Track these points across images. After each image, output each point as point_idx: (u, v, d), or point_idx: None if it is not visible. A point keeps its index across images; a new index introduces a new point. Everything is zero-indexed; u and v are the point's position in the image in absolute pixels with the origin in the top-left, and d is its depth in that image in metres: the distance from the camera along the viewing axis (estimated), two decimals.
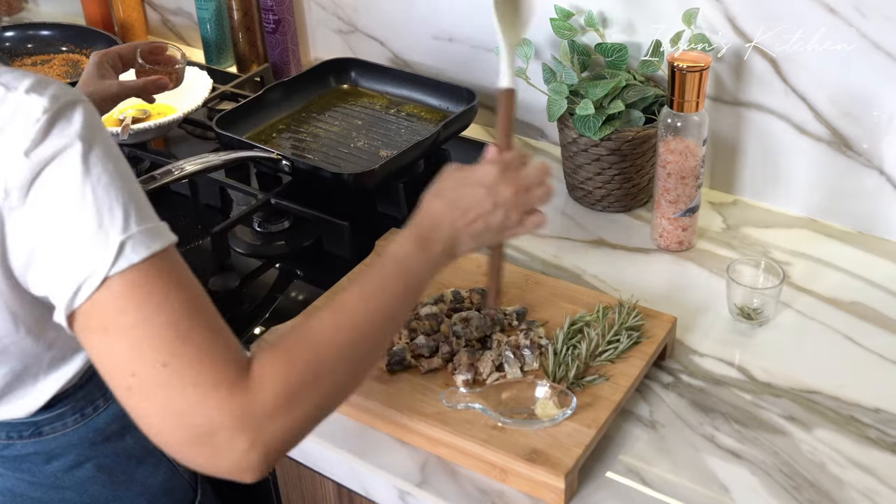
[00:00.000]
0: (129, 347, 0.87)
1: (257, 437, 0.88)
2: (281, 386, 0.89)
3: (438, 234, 1.07)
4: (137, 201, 0.90)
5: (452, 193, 1.10)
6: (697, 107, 1.41)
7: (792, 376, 1.29)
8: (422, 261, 1.05)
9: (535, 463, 1.11)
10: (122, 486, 1.21)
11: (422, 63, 1.96)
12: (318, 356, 0.93)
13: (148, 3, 2.38)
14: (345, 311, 0.97)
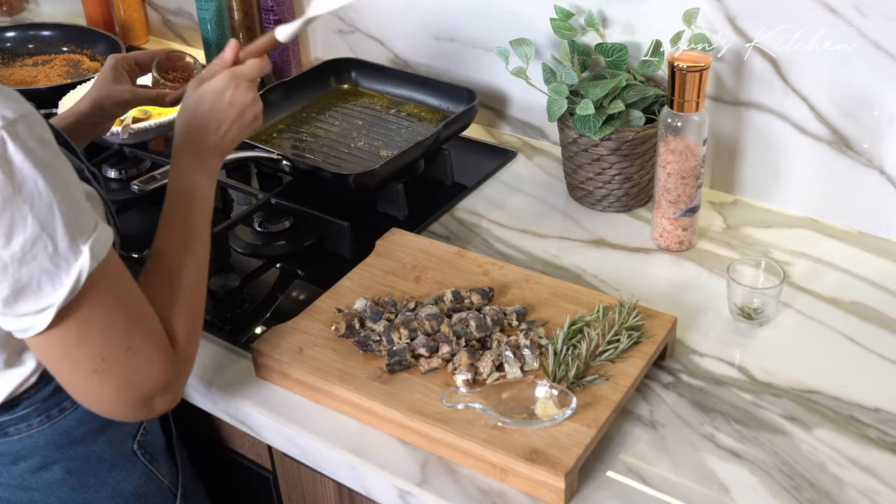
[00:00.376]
0: (100, 338, 1.01)
1: (180, 385, 1.10)
2: (188, 336, 1.11)
3: (205, 152, 1.23)
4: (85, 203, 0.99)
5: (205, 116, 1.24)
6: (697, 107, 1.41)
7: (792, 376, 1.29)
8: (205, 180, 1.22)
9: (535, 463, 1.11)
10: (91, 490, 1.21)
11: (422, 63, 1.96)
12: (192, 298, 1.14)
13: (149, 4, 2.38)
14: (185, 254, 1.15)
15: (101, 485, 1.22)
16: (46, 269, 0.95)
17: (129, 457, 1.25)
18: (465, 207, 1.68)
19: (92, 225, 0.99)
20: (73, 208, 0.96)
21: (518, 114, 1.88)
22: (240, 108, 1.26)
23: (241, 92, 1.26)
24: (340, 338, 1.31)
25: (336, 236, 1.56)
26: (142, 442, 1.26)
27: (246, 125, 1.27)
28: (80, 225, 0.97)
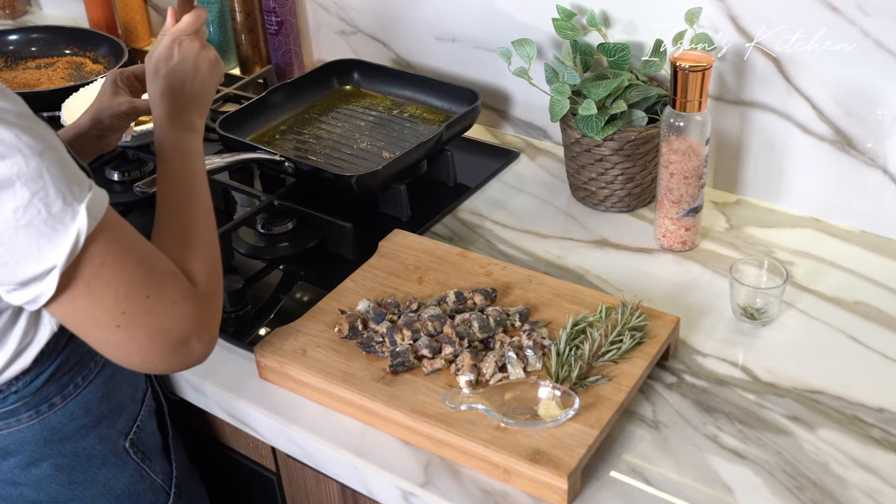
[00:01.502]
0: (115, 292, 1.01)
1: (213, 326, 1.11)
2: (209, 278, 1.12)
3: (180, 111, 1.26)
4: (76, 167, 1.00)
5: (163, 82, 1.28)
6: (700, 106, 1.41)
7: (795, 376, 1.29)
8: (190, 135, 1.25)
9: (538, 463, 1.11)
10: (80, 487, 1.22)
11: (424, 64, 1.96)
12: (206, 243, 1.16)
13: (151, 6, 2.38)
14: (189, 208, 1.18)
15: (91, 482, 1.22)
16: (43, 233, 0.95)
17: (120, 454, 1.25)
18: (468, 208, 1.68)
19: (86, 186, 0.99)
20: (63, 171, 0.97)
21: (520, 114, 1.88)
22: (192, 62, 1.29)
23: (186, 46, 1.29)
24: (343, 339, 1.31)
25: (339, 238, 1.56)
26: (134, 440, 1.27)
27: (206, 74, 1.30)
28: (73, 187, 0.97)
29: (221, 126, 1.70)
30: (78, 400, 1.18)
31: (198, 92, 1.28)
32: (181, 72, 1.28)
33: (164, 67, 1.28)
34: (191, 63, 1.28)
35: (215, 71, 1.31)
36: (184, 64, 1.28)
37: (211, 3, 2.12)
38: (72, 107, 1.81)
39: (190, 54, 1.29)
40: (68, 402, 1.17)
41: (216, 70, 1.32)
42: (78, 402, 1.18)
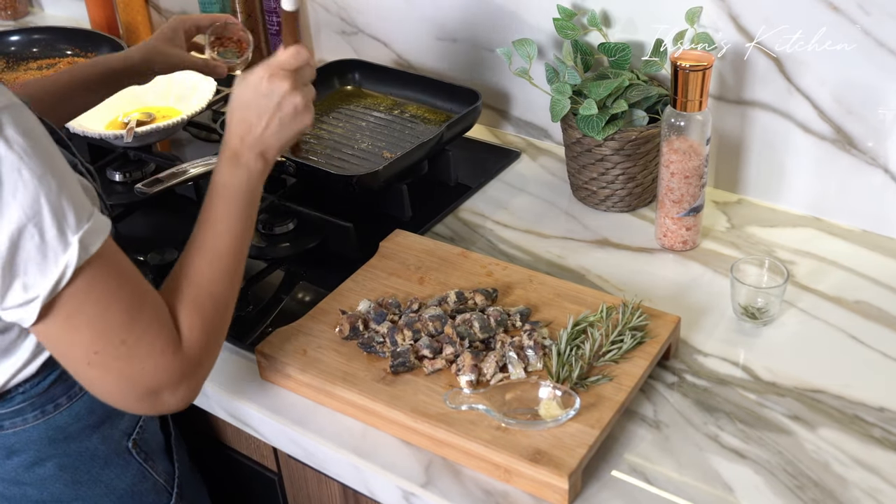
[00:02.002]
0: (92, 331, 1.01)
1: (193, 382, 1.09)
2: (203, 337, 1.09)
3: (245, 148, 1.19)
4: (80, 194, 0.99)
5: (242, 111, 1.21)
6: (701, 106, 1.41)
7: (796, 376, 1.29)
8: (242, 177, 1.18)
9: (539, 463, 1.11)
10: (84, 486, 1.22)
11: (425, 64, 1.96)
12: (216, 300, 1.12)
13: (152, 6, 2.39)
14: (212, 251, 1.13)
15: (95, 482, 1.22)
16: (34, 259, 0.95)
17: (123, 455, 1.25)
18: (469, 208, 1.68)
19: (85, 215, 0.98)
20: (63, 198, 0.96)
21: (521, 114, 1.88)
22: (277, 99, 1.20)
23: (277, 81, 1.20)
24: (344, 339, 1.31)
25: (340, 238, 1.57)
26: (137, 440, 1.27)
27: (287, 118, 1.21)
28: (71, 215, 0.96)
29: (223, 126, 1.70)
30: (83, 400, 1.18)
31: (272, 133, 1.20)
32: (262, 106, 1.20)
33: (247, 95, 1.21)
34: (275, 100, 1.20)
35: (299, 118, 1.22)
36: (268, 99, 1.20)
37: (213, 4, 2.12)
38: None
39: (277, 91, 1.20)
40: (74, 403, 1.17)
41: (300, 117, 1.22)
42: (83, 402, 1.18)
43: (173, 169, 1.50)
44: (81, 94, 1.49)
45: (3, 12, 2.62)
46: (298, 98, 1.21)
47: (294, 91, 1.21)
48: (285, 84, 1.20)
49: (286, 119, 1.21)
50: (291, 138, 1.23)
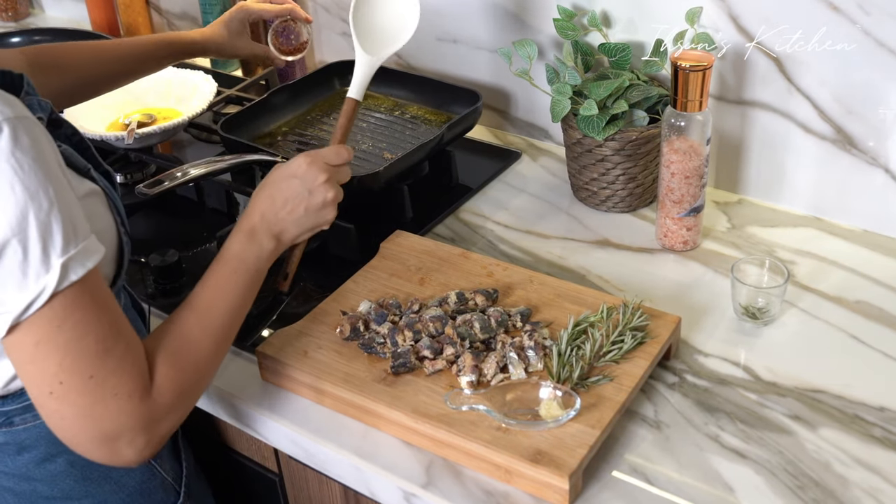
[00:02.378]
0: (61, 360, 0.97)
1: (153, 437, 1.04)
2: (175, 391, 1.06)
3: (263, 225, 1.21)
4: (72, 219, 0.97)
5: (272, 188, 1.24)
6: (701, 106, 1.41)
7: (797, 375, 1.29)
8: (254, 254, 1.19)
9: (540, 464, 1.11)
10: (94, 483, 1.22)
11: (426, 65, 1.97)
12: (197, 361, 1.10)
13: (153, 8, 2.39)
14: (207, 313, 1.13)
15: (104, 479, 1.22)
16: (13, 275, 0.94)
17: None
18: (470, 209, 1.69)
19: (75, 240, 0.97)
20: (53, 219, 0.95)
21: (522, 115, 1.88)
22: (309, 188, 1.23)
23: (315, 170, 1.24)
24: (345, 340, 1.31)
25: (341, 239, 1.57)
26: None
27: (313, 208, 1.24)
28: (58, 237, 0.95)
29: (223, 128, 1.70)
30: None
31: (294, 218, 1.23)
32: (293, 188, 1.23)
33: (281, 174, 1.24)
34: (307, 187, 1.23)
35: (323, 212, 1.26)
36: (302, 183, 1.23)
37: (214, 5, 2.12)
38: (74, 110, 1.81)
39: (312, 180, 1.24)
40: None
41: (324, 212, 1.26)
42: None
43: (174, 170, 1.50)
44: (152, 66, 1.61)
45: (4, 14, 2.63)
46: (330, 193, 1.25)
47: (328, 185, 1.25)
48: (322, 175, 1.24)
49: (312, 209, 1.24)
50: (310, 229, 1.26)
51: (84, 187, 1.10)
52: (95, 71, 1.53)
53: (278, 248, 1.23)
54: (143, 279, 1.55)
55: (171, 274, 1.53)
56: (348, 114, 1.38)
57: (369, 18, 1.43)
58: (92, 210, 1.10)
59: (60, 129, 1.16)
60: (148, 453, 1.05)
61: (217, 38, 1.62)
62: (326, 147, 1.29)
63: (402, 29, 1.45)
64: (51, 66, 1.46)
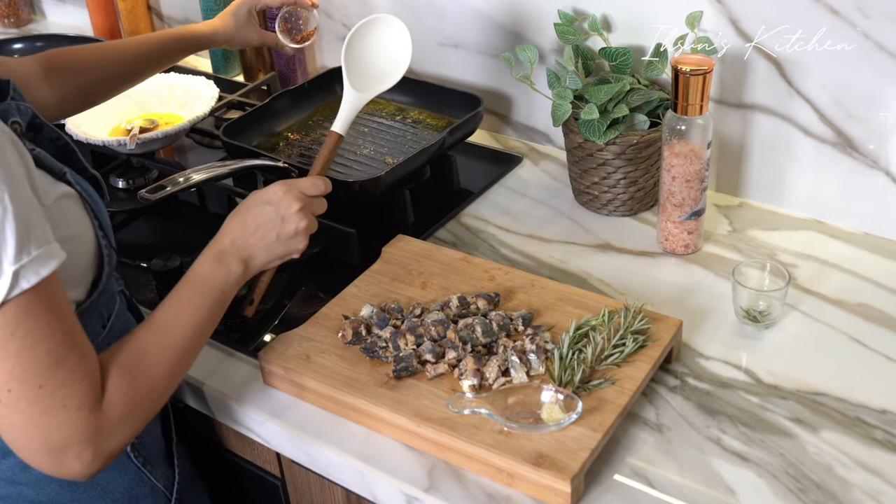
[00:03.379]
0: (11, 368, 0.96)
1: (101, 450, 1.03)
2: (126, 406, 1.05)
3: (233, 249, 1.22)
4: (28, 225, 0.97)
5: (245, 213, 1.24)
6: (701, 110, 1.42)
7: (798, 378, 1.29)
8: (221, 277, 1.19)
9: (542, 467, 1.11)
10: (79, 489, 1.21)
11: (427, 70, 1.97)
12: (152, 378, 1.09)
13: (155, 14, 2.40)
14: (167, 332, 1.12)
15: (91, 484, 1.22)
16: None
17: (120, 458, 1.24)
18: (471, 213, 1.69)
19: (30, 247, 0.96)
20: (7, 225, 0.94)
21: (523, 119, 1.89)
22: (283, 214, 1.24)
23: (288, 199, 1.25)
24: (347, 344, 1.31)
25: (342, 243, 1.57)
26: (136, 444, 1.26)
27: (284, 236, 1.25)
28: (11, 244, 0.95)
29: (225, 133, 1.71)
30: None
31: (263, 244, 1.23)
32: (265, 215, 1.24)
33: (255, 200, 1.25)
34: (280, 215, 1.24)
35: (294, 241, 1.26)
36: (275, 210, 1.24)
37: (215, 11, 2.13)
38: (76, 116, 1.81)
39: (286, 208, 1.24)
40: None
41: (295, 241, 1.26)
42: None
43: (176, 175, 1.50)
44: (165, 61, 1.61)
45: (5, 20, 2.64)
46: (303, 222, 1.26)
47: (301, 214, 1.26)
48: (297, 204, 1.25)
49: (283, 236, 1.25)
50: (280, 257, 1.27)
51: (57, 190, 1.09)
52: (109, 70, 1.54)
53: (246, 273, 1.23)
54: (145, 284, 1.56)
55: (173, 279, 1.52)
56: (330, 146, 1.39)
57: (361, 57, 1.45)
58: (65, 214, 1.10)
59: (42, 134, 1.17)
60: (96, 467, 1.03)
61: (226, 28, 1.64)
62: (304, 177, 1.29)
63: (392, 70, 1.47)
64: (65, 68, 1.47)
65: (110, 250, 1.18)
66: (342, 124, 1.40)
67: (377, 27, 1.46)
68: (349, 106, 1.42)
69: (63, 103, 1.48)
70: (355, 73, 1.43)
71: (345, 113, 1.41)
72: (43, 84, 1.44)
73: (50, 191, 1.08)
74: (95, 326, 1.18)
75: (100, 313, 1.19)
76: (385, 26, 1.47)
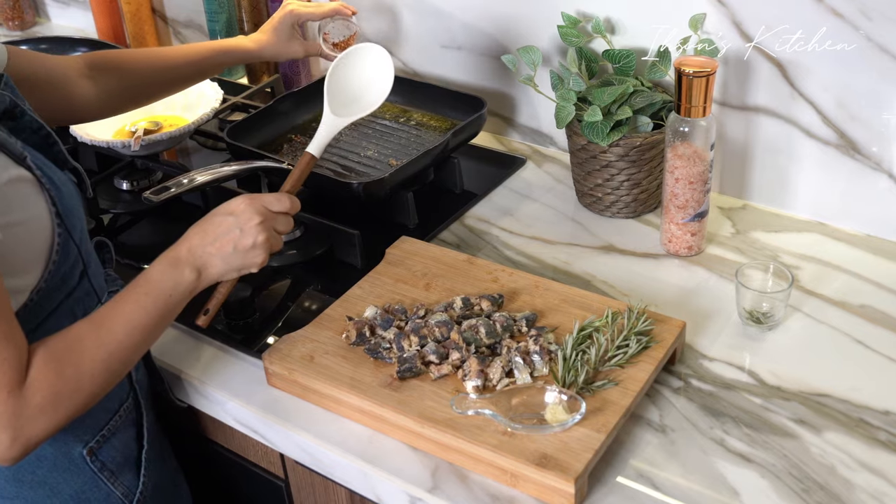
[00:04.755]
0: None
1: (20, 435, 1.02)
2: (48, 393, 1.04)
3: (189, 257, 1.19)
4: None
5: (206, 223, 1.22)
6: (705, 112, 1.42)
7: (801, 379, 1.29)
8: (172, 281, 1.17)
9: (546, 468, 1.11)
10: (26, 486, 1.20)
11: (431, 72, 1.97)
12: (81, 370, 1.07)
13: (159, 16, 2.40)
14: (105, 328, 1.10)
15: (39, 483, 1.21)
16: None
17: (75, 461, 1.23)
18: (475, 215, 1.69)
19: None
20: None
21: (526, 121, 1.89)
22: (241, 225, 1.21)
23: (250, 211, 1.22)
24: (351, 345, 1.32)
25: (346, 245, 1.57)
26: (94, 449, 1.24)
27: (241, 248, 1.21)
28: None
29: (229, 135, 1.71)
30: None
31: (220, 255, 1.20)
32: (225, 225, 1.21)
33: (218, 211, 1.23)
34: (239, 226, 1.22)
35: (251, 254, 1.23)
36: (235, 221, 1.22)
37: (219, 13, 2.13)
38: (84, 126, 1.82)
39: (246, 220, 1.22)
40: None
41: (252, 254, 1.23)
42: None
43: (180, 177, 1.51)
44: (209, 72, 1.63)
45: (10, 22, 2.64)
46: (261, 236, 1.23)
47: (260, 227, 1.23)
48: (257, 217, 1.23)
49: (241, 248, 1.22)
50: (236, 269, 1.24)
51: (13, 172, 1.09)
52: (155, 75, 1.56)
53: (199, 281, 1.20)
54: None
55: None
56: (302, 166, 1.37)
57: (343, 82, 1.46)
58: (17, 197, 1.09)
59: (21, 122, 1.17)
60: (16, 452, 1.03)
61: (271, 44, 1.65)
62: (270, 193, 1.27)
63: (373, 100, 1.46)
64: (112, 68, 1.49)
65: (67, 240, 1.16)
66: (317, 146, 1.39)
67: (362, 55, 1.47)
68: (326, 129, 1.41)
69: (106, 102, 1.49)
70: (335, 97, 1.44)
71: (321, 135, 1.41)
72: (85, 82, 1.45)
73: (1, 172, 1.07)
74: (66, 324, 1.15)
75: (72, 312, 1.19)
76: (369, 55, 1.47)
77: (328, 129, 1.42)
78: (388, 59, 1.47)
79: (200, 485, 1.51)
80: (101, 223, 1.74)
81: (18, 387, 1.02)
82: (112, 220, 1.76)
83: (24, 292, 1.12)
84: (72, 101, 1.43)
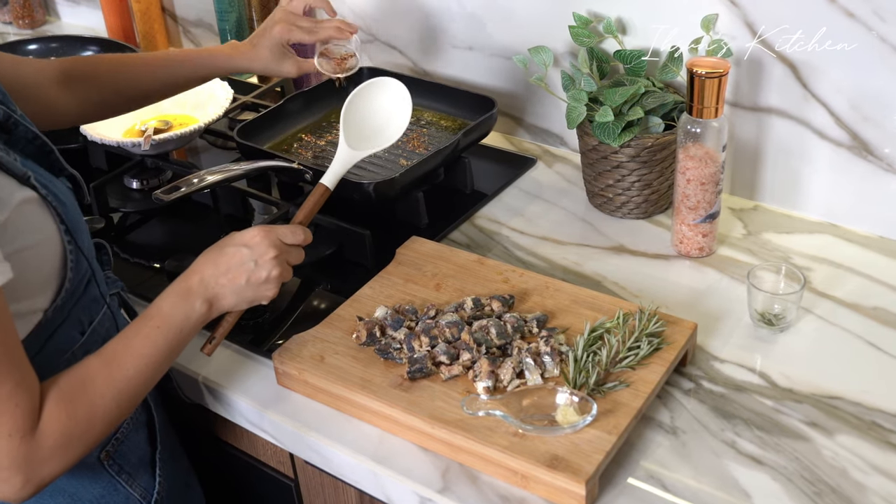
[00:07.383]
0: None
1: (32, 477, 1.02)
2: (61, 436, 1.03)
3: (200, 288, 1.18)
4: None
5: (218, 252, 1.21)
6: (717, 113, 1.41)
7: (813, 382, 1.29)
8: (183, 314, 1.15)
9: (556, 469, 1.11)
10: (46, 495, 1.20)
11: (441, 72, 1.97)
12: (93, 410, 1.06)
13: (169, 15, 2.40)
14: (116, 364, 1.09)
15: (59, 491, 1.21)
16: None
17: (93, 466, 1.23)
18: (485, 215, 1.69)
19: None
20: None
21: (537, 121, 1.89)
22: (256, 258, 1.20)
23: (266, 244, 1.21)
24: (361, 346, 1.32)
25: (356, 245, 1.57)
26: (110, 452, 1.24)
27: (255, 281, 1.20)
28: None
29: (239, 134, 1.71)
30: None
31: (232, 287, 1.19)
32: (239, 257, 1.19)
33: (232, 241, 1.21)
34: (254, 259, 1.20)
35: (264, 287, 1.21)
36: (250, 254, 1.20)
37: (229, 13, 2.14)
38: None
39: (262, 253, 1.20)
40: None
41: (265, 287, 1.21)
42: None
43: (190, 176, 1.51)
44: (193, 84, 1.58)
45: (20, 21, 2.64)
46: (275, 270, 1.22)
47: (275, 261, 1.22)
48: (272, 251, 1.21)
49: (254, 281, 1.21)
50: (248, 301, 1.22)
51: (18, 196, 1.07)
52: (134, 88, 1.52)
53: (210, 313, 1.19)
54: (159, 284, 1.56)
55: None
56: (316, 198, 1.36)
57: (360, 115, 1.43)
58: (28, 220, 1.08)
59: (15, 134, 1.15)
60: (27, 493, 1.02)
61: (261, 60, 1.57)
62: (284, 225, 1.26)
63: (390, 135, 1.43)
64: (88, 78, 1.46)
65: (78, 255, 1.15)
66: (332, 178, 1.38)
67: (380, 89, 1.44)
68: (342, 162, 1.39)
69: (83, 112, 1.47)
70: (351, 130, 1.42)
71: (336, 167, 1.39)
72: (60, 91, 1.42)
73: (9, 199, 1.05)
74: (72, 334, 1.16)
75: (79, 320, 1.18)
76: (388, 89, 1.44)
77: (343, 161, 1.39)
78: (406, 94, 1.43)
79: (211, 484, 1.51)
80: (111, 222, 1.74)
81: (31, 431, 1.00)
82: (122, 220, 1.76)
83: (39, 312, 1.11)
84: (45, 107, 1.39)
